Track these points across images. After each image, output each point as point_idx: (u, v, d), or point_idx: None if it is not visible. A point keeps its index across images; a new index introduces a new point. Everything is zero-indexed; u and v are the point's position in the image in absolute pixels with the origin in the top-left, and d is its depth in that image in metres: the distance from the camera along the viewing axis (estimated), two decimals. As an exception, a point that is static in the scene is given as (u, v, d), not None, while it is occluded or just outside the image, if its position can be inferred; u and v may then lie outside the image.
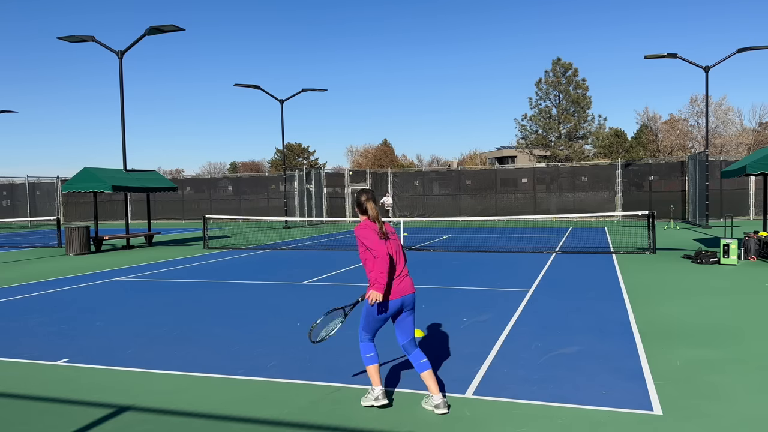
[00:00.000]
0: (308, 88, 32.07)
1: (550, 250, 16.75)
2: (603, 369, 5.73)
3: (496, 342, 6.83)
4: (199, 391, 5.37)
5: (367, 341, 4.88)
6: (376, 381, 4.81)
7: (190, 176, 48.93)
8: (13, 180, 40.17)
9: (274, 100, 31.42)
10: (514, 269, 13.05)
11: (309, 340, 5.06)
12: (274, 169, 68.15)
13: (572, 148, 47.81)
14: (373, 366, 4.81)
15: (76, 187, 19.10)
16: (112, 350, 6.81)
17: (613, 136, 55.03)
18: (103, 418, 4.75)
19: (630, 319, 7.90)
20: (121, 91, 21.24)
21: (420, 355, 4.85)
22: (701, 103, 50.06)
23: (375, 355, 4.85)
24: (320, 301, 9.65)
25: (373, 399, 4.81)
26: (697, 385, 5.25)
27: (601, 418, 4.55)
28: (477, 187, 35.62)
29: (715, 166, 28.30)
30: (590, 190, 33.66)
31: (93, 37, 20.93)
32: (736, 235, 18.04)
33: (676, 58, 26.04)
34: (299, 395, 5.18)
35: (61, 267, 15.16)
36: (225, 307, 9.30)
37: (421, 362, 4.80)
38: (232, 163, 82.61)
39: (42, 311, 9.22)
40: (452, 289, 10.54)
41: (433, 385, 4.73)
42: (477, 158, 73.96)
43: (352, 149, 78.20)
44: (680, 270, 12.57)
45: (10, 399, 5.26)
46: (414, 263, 14.46)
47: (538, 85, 48.49)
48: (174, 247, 20.38)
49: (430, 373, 4.77)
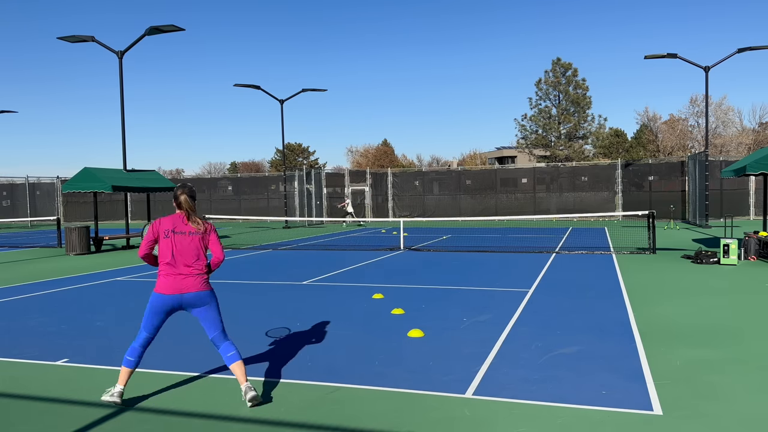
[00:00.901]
0: (308, 88, 32.08)
1: (550, 250, 16.75)
2: (603, 369, 5.73)
3: (496, 342, 6.82)
4: (199, 391, 5.37)
5: (138, 341, 5.10)
6: (121, 380, 5.04)
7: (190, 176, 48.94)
8: (13, 180, 40.18)
9: (274, 100, 31.45)
10: (514, 269, 13.05)
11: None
12: (274, 169, 68.16)
13: (572, 148, 47.83)
14: (125, 368, 5.05)
15: (76, 187, 19.10)
16: (112, 350, 6.81)
17: (613, 136, 55.04)
18: (103, 418, 4.75)
19: (630, 319, 7.90)
20: (121, 91, 21.24)
21: (228, 348, 5.07)
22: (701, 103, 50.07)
23: (133, 361, 5.06)
24: (320, 301, 9.65)
25: (109, 395, 5.01)
26: (697, 385, 5.25)
27: (601, 418, 4.55)
28: (477, 187, 35.62)
29: (715, 166, 28.31)
30: (590, 190, 33.66)
31: (93, 37, 20.93)
32: (736, 235, 18.04)
33: (676, 58, 26.04)
34: (299, 395, 5.18)
35: (61, 267, 15.16)
36: (225, 307, 9.28)
37: (228, 355, 5.04)
38: (232, 163, 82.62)
39: (42, 311, 9.22)
40: (452, 289, 10.54)
41: (239, 375, 4.97)
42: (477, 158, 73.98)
43: (352, 149, 78.28)
44: (680, 270, 12.57)
45: (10, 399, 5.26)
46: (414, 263, 14.46)
47: (538, 85, 48.53)
48: (174, 247, 20.34)
49: (238, 365, 5.00)
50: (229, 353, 5.05)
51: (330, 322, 8.00)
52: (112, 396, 4.98)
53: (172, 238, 5.05)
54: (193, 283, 5.02)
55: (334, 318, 8.29)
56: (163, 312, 5.03)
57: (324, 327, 7.74)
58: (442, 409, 4.80)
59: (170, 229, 5.07)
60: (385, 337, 7.13)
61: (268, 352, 6.58)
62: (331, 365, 6.03)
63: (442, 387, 5.29)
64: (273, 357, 6.38)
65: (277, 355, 6.47)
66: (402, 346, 6.70)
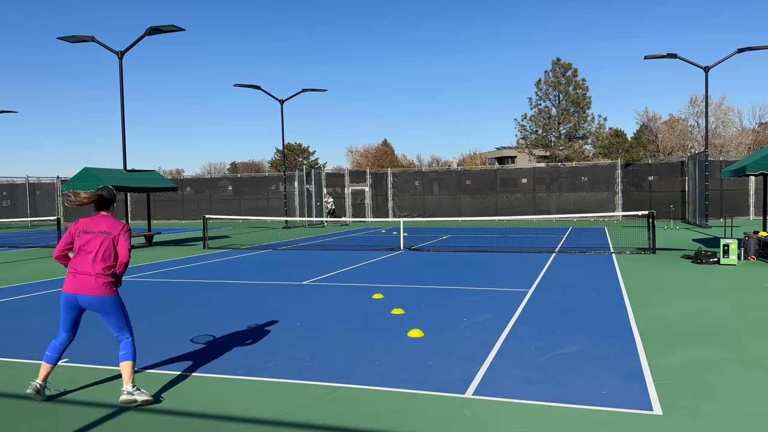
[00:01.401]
0: (308, 89, 32.07)
1: (550, 250, 16.75)
2: (603, 369, 5.73)
3: (496, 342, 6.83)
4: (199, 391, 5.37)
5: (57, 339, 5.23)
6: (41, 376, 5.15)
7: (190, 176, 48.98)
8: (13, 180, 40.16)
9: (274, 100, 31.45)
10: (514, 269, 13.05)
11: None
12: (274, 169, 68.16)
13: (572, 148, 47.83)
14: (45, 364, 5.16)
15: (76, 187, 19.10)
16: (112, 350, 6.79)
17: (613, 136, 55.06)
18: (103, 418, 4.75)
19: (630, 319, 7.90)
20: (121, 91, 21.24)
21: (121, 348, 5.15)
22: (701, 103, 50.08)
23: (52, 356, 5.17)
24: (320, 301, 9.65)
25: (29, 388, 5.11)
26: (697, 385, 5.25)
27: (601, 418, 4.55)
28: (477, 187, 35.61)
29: (715, 166, 28.30)
30: (590, 190, 33.65)
31: (93, 37, 20.93)
32: (736, 235, 18.04)
33: (676, 58, 26.04)
34: (299, 395, 5.19)
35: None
36: (225, 307, 9.31)
37: (120, 354, 5.13)
38: (232, 164, 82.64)
39: (42, 311, 9.22)
40: (452, 289, 10.54)
41: (125, 376, 5.02)
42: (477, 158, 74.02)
43: (352, 149, 78.32)
44: (680, 270, 12.57)
45: (10, 399, 5.26)
46: (414, 263, 14.47)
47: (537, 85, 48.54)
48: (174, 247, 20.38)
49: (122, 365, 5.06)
50: (120, 353, 5.13)
51: (330, 322, 8.00)
52: (29, 389, 5.07)
53: (82, 237, 5.11)
54: (92, 286, 5.03)
55: (334, 318, 8.29)
56: (69, 309, 5.14)
57: (324, 327, 7.74)
58: (442, 409, 4.80)
59: (82, 230, 5.13)
60: (385, 337, 7.13)
61: (268, 353, 6.58)
62: (331, 365, 6.03)
63: (442, 387, 5.29)
64: (274, 357, 6.38)
65: (276, 355, 6.47)
66: (402, 346, 6.70)
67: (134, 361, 5.11)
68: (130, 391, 4.96)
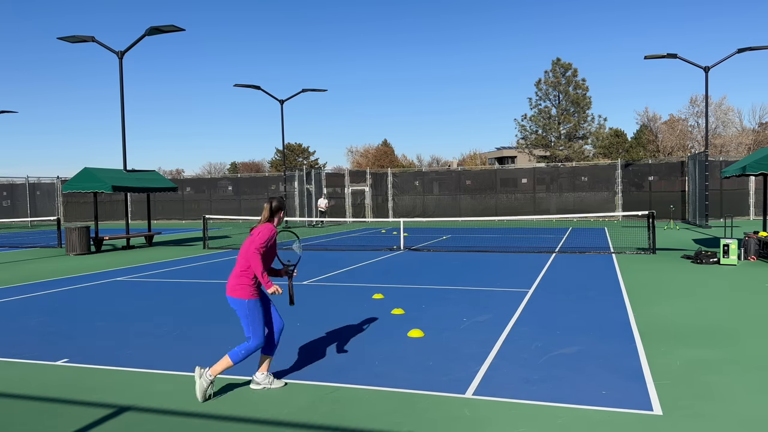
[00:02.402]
0: (308, 89, 32.09)
1: (550, 250, 16.75)
2: (603, 369, 5.73)
3: (496, 342, 6.83)
4: (199, 391, 5.36)
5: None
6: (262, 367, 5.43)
7: (190, 176, 48.99)
8: (13, 180, 40.17)
9: (274, 100, 31.45)
10: (514, 269, 13.05)
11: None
12: (274, 169, 68.15)
13: (572, 148, 47.82)
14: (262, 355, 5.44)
15: (76, 187, 19.10)
16: (112, 350, 6.81)
17: (613, 136, 55.04)
18: (103, 418, 4.75)
19: (630, 319, 7.90)
20: (121, 91, 21.24)
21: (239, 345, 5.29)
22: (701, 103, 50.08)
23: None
24: (320, 301, 9.65)
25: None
26: (696, 386, 5.25)
27: (601, 418, 4.55)
28: (477, 187, 35.61)
29: (715, 166, 28.30)
30: (590, 190, 33.66)
31: (93, 37, 20.93)
32: (736, 235, 18.05)
33: (676, 58, 26.04)
34: (299, 395, 5.19)
35: (61, 267, 15.16)
36: (225, 307, 9.30)
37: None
38: (232, 164, 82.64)
39: (42, 311, 9.22)
40: (452, 289, 10.54)
41: (215, 366, 5.16)
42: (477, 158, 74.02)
43: (352, 149, 78.31)
44: (680, 270, 12.57)
45: (10, 399, 5.26)
46: (414, 263, 14.47)
47: (537, 85, 48.52)
48: (174, 248, 20.38)
49: (225, 356, 5.19)
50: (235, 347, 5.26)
51: (330, 322, 8.00)
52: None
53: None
54: (230, 287, 5.23)
55: (335, 318, 8.29)
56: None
57: (324, 327, 7.74)
58: (442, 409, 4.80)
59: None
60: (385, 337, 7.13)
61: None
62: (331, 365, 6.03)
63: (442, 387, 5.29)
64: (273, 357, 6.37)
65: (277, 355, 6.47)
66: (402, 346, 6.70)
67: (233, 362, 5.15)
68: (201, 375, 5.11)
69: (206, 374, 5.08)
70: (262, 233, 5.11)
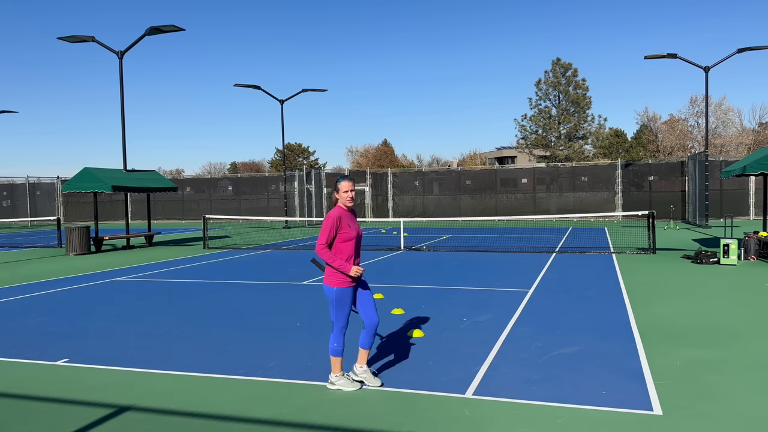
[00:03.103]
0: (308, 88, 32.10)
1: (550, 250, 16.75)
2: (603, 369, 5.73)
3: (496, 342, 6.83)
4: (199, 391, 5.37)
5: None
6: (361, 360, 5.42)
7: (190, 176, 48.96)
8: (13, 180, 40.17)
9: (274, 100, 31.46)
10: (514, 269, 13.05)
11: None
12: (274, 169, 68.15)
13: (572, 148, 47.81)
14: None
15: (76, 187, 19.10)
16: (112, 350, 6.81)
17: (613, 136, 55.03)
18: (103, 418, 4.75)
19: (630, 319, 7.90)
20: (121, 91, 21.24)
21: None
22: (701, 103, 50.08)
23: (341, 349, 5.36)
24: (320, 301, 9.65)
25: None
26: (696, 385, 5.25)
27: (601, 418, 4.55)
28: (477, 187, 35.61)
29: (715, 166, 28.30)
30: (590, 190, 33.66)
31: (93, 37, 20.94)
32: (736, 235, 18.05)
33: (676, 58, 26.04)
34: (299, 395, 5.19)
35: (61, 267, 15.16)
36: (225, 307, 9.30)
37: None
38: (232, 163, 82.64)
39: (42, 311, 9.22)
40: (452, 289, 10.54)
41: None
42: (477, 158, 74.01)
43: (352, 149, 78.30)
44: (680, 270, 12.57)
45: (10, 399, 5.26)
46: (414, 263, 14.47)
47: (537, 85, 48.51)
48: (174, 248, 20.38)
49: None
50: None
51: (330, 322, 7.99)
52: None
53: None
54: (325, 274, 5.29)
55: (334, 318, 8.28)
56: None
57: (324, 327, 7.74)
58: (442, 409, 4.80)
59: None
60: (385, 337, 7.13)
61: (268, 353, 6.58)
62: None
63: (442, 387, 5.29)
64: (273, 357, 6.38)
65: (277, 355, 6.47)
66: (402, 346, 6.70)
67: (331, 355, 5.25)
68: (331, 380, 5.29)
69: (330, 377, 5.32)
70: (322, 228, 5.11)
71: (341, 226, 5.10)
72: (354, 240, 5.16)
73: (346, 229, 5.12)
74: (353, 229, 5.18)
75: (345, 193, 5.15)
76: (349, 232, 5.13)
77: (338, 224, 5.08)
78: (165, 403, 5.06)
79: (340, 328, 5.22)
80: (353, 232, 5.16)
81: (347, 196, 5.16)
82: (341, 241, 5.11)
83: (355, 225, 5.24)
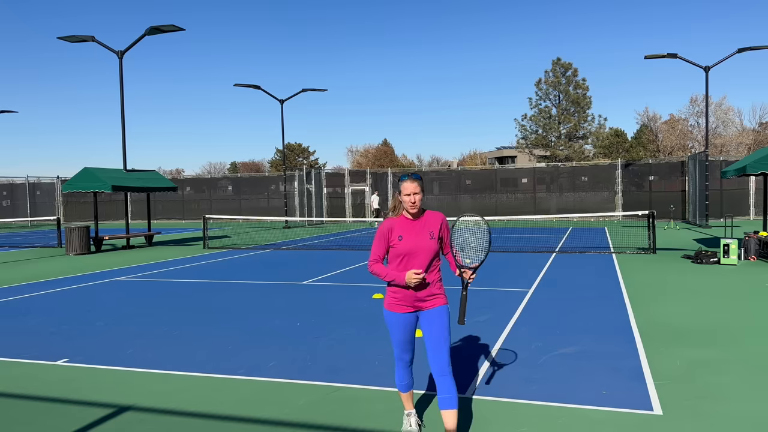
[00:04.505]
0: (308, 88, 32.09)
1: (550, 250, 16.74)
2: (603, 369, 5.73)
3: (496, 342, 6.83)
4: (199, 391, 5.36)
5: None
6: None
7: (190, 176, 48.95)
8: (13, 180, 40.18)
9: (274, 100, 31.45)
10: (513, 269, 13.05)
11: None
12: (274, 169, 68.13)
13: (572, 148, 47.79)
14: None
15: (76, 187, 19.10)
16: (112, 350, 6.81)
17: (613, 136, 55.00)
18: (103, 418, 4.75)
19: (630, 319, 7.89)
20: (121, 91, 21.24)
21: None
22: (701, 103, 50.07)
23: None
24: (320, 301, 9.65)
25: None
26: (697, 386, 5.25)
27: (601, 418, 4.55)
28: (477, 187, 35.61)
29: (715, 166, 28.29)
30: (590, 190, 33.65)
31: (93, 37, 20.93)
32: (736, 235, 18.04)
33: (676, 58, 26.03)
34: (299, 395, 5.18)
35: (61, 267, 15.15)
36: (225, 307, 9.30)
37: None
38: (232, 163, 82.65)
39: (42, 311, 9.22)
40: (452, 289, 10.52)
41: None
42: (477, 158, 74.00)
43: (352, 149, 78.32)
44: (680, 270, 12.57)
45: (10, 399, 5.26)
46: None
47: (538, 85, 48.49)
48: (174, 247, 20.38)
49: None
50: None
51: (330, 322, 8.00)
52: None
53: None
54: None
55: (334, 318, 8.29)
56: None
57: (324, 327, 7.74)
58: (442, 409, 4.80)
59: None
60: (385, 337, 7.13)
61: (268, 353, 6.57)
62: (332, 365, 6.03)
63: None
64: (273, 357, 6.38)
65: (277, 355, 6.47)
66: (402, 346, 6.69)
67: (398, 391, 4.35)
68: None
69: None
70: (374, 242, 4.19)
71: (391, 238, 4.10)
72: (405, 256, 4.06)
73: (396, 241, 4.08)
74: (409, 242, 4.04)
75: (406, 197, 4.03)
76: (398, 246, 4.06)
77: (388, 236, 4.11)
78: (165, 403, 5.06)
79: (396, 357, 4.27)
80: (406, 245, 4.04)
81: (407, 201, 4.03)
82: (394, 256, 4.13)
83: (413, 236, 4.07)
